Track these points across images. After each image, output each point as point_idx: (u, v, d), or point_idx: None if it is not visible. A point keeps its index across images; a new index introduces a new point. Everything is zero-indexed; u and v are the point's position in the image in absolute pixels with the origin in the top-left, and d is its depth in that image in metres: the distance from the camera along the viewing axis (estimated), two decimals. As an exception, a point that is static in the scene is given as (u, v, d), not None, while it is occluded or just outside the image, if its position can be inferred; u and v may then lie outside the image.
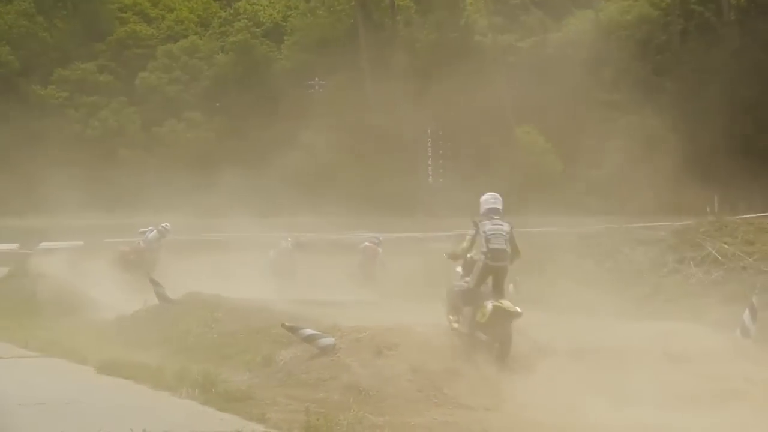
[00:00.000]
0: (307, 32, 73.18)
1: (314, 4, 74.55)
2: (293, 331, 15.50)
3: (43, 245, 32.74)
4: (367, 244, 31.12)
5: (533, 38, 73.09)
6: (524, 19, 73.51)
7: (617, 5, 71.16)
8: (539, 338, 15.42)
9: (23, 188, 49.97)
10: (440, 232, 41.93)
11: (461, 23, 70.20)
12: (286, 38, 73.81)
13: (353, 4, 72.30)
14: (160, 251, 29.74)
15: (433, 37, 69.90)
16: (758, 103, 62.42)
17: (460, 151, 65.18)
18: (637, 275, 22.11)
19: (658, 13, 69.40)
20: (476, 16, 71.72)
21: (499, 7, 72.12)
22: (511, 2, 72.83)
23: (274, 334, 16.39)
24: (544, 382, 14.05)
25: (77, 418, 12.53)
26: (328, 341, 15.11)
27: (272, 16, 75.63)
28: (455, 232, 40.87)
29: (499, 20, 71.88)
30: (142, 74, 70.29)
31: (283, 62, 72.37)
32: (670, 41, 66.75)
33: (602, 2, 71.93)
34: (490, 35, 70.50)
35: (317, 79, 70.17)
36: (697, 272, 21.44)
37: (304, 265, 30.05)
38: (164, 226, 30.48)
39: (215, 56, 71.96)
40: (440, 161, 65.21)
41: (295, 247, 31.27)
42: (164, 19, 75.96)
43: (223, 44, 72.96)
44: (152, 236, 30.09)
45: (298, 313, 17.75)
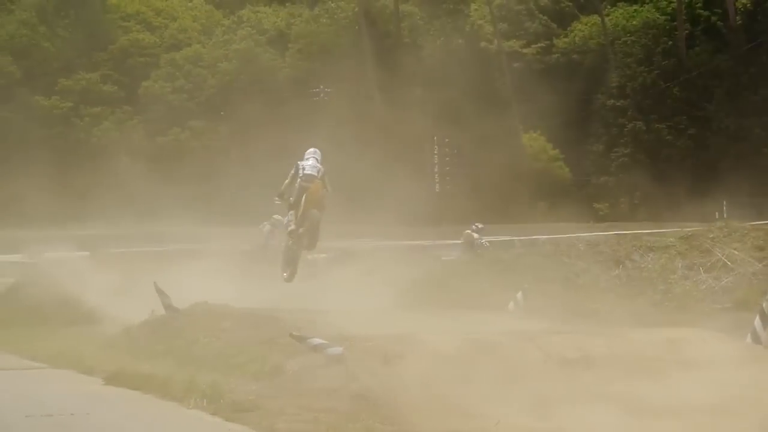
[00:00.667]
0: (311, 40, 73.23)
1: (318, 11, 74.67)
2: (301, 340, 15.42)
3: (48, 255, 32.61)
4: (467, 231, 34.64)
5: (539, 44, 73.16)
6: (529, 25, 73.55)
7: (623, 10, 71.24)
8: (548, 347, 15.32)
9: (26, 198, 49.88)
10: (446, 239, 41.85)
11: (466, 29, 70.24)
12: (290, 46, 73.86)
13: (357, 11, 72.34)
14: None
15: (438, 43, 69.91)
16: (765, 107, 62.37)
17: (466, 158, 65.11)
18: (646, 282, 22.00)
19: (664, 18, 69.44)
20: (481, 22, 71.78)
21: (504, 13, 72.16)
22: (516, 8, 72.85)
23: (282, 343, 16.28)
24: (554, 391, 13.96)
25: (85, 429, 12.47)
26: (336, 351, 15.01)
27: (276, 23, 75.61)
28: (463, 240, 40.96)
29: (504, 26, 71.94)
30: (145, 83, 70.36)
31: (287, 70, 72.42)
32: (676, 46, 66.77)
33: (608, 7, 71.92)
34: (495, 41, 70.53)
35: (322, 86, 70.18)
36: (706, 278, 21.32)
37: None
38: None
39: (219, 64, 71.99)
40: (446, 168, 65.15)
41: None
42: (167, 27, 75.95)
43: (226, 52, 72.98)
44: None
45: (305, 322, 17.66)
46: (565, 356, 15.01)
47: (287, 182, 22.62)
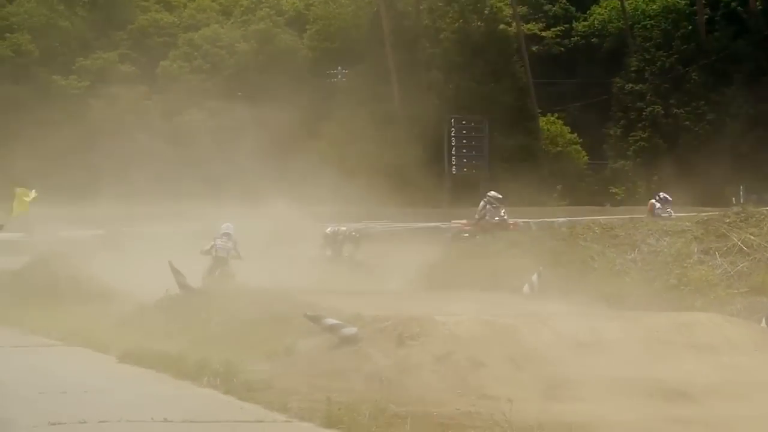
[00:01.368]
0: (329, 21, 73.11)
1: (337, -8, 74.40)
2: (315, 320, 15.40)
3: (62, 234, 32.63)
4: (652, 201, 33.34)
5: (558, 28, 72.95)
6: (549, 8, 73.34)
7: (643, -6, 70.86)
8: (562, 329, 15.28)
9: (41, 176, 49.89)
10: (462, 221, 41.78)
11: (485, 12, 69.97)
12: (308, 27, 73.74)
13: (377, -8, 72.11)
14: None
15: (457, 25, 69.69)
16: (784, 92, 62.08)
17: (483, 141, 64.99)
18: (662, 266, 21.92)
19: (683, 2, 69.11)
20: (501, 4, 71.52)
21: (523, -5, 71.97)
22: (535, -9, 72.70)
23: (295, 323, 16.28)
24: (567, 374, 13.92)
25: (98, 406, 12.48)
26: (350, 331, 15.00)
27: (294, 4, 75.50)
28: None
29: (523, 9, 71.72)
30: (163, 63, 70.32)
31: (305, 51, 72.31)
32: (695, 31, 66.42)
33: (627, -9, 71.58)
34: (514, 24, 70.32)
35: (340, 68, 70.09)
36: (722, 263, 21.24)
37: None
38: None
39: (237, 45, 71.87)
40: (463, 151, 64.98)
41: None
42: (186, 7, 75.93)
43: (245, 33, 72.85)
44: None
45: (319, 302, 17.65)
46: (579, 339, 14.96)
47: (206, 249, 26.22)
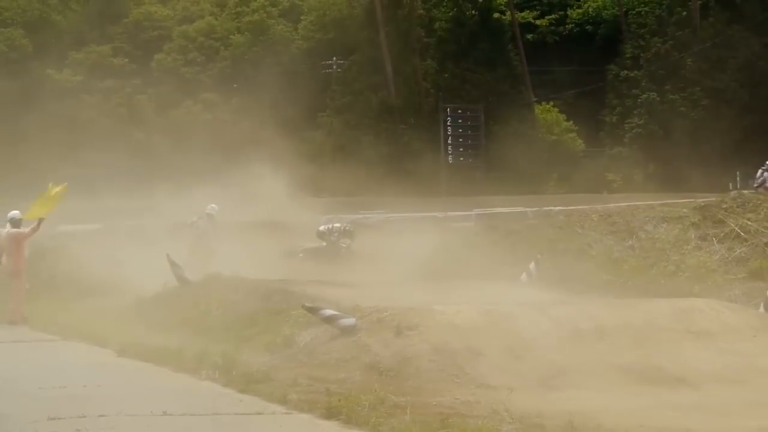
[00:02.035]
0: (324, 11, 72.97)
1: (331, -18, 74.24)
2: (313, 311, 15.41)
3: (60, 228, 32.58)
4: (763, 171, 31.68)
5: (552, 15, 72.91)
6: (543, -5, 73.32)
7: (637, -20, 70.71)
8: (561, 317, 15.28)
9: (35, 170, 49.79)
10: (460, 211, 41.82)
11: (480, 0, 69.83)
12: (302, 18, 73.60)
13: (371, -18, 71.94)
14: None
15: (451, 14, 69.59)
16: (779, 77, 62.02)
17: (479, 129, 64.97)
18: (659, 253, 21.96)
19: (678, -13, 68.85)
20: (495, -8, 71.37)
21: (517, -17, 71.85)
22: (529, -21, 72.62)
23: (294, 315, 16.30)
24: (566, 362, 13.92)
25: (98, 401, 12.47)
26: (348, 322, 15.00)
27: (288, -5, 75.37)
28: (475, 211, 40.96)
29: (517, -3, 71.66)
30: (157, 56, 70.22)
31: (299, 42, 72.22)
32: (690, 17, 66.23)
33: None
34: (508, 12, 70.25)
35: (335, 58, 70.00)
36: (720, 249, 21.30)
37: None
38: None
39: (231, 37, 71.77)
40: (459, 140, 64.93)
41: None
42: (180, 0, 75.79)
43: (239, 24, 72.75)
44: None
45: (318, 293, 17.65)
46: (577, 327, 14.96)
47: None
